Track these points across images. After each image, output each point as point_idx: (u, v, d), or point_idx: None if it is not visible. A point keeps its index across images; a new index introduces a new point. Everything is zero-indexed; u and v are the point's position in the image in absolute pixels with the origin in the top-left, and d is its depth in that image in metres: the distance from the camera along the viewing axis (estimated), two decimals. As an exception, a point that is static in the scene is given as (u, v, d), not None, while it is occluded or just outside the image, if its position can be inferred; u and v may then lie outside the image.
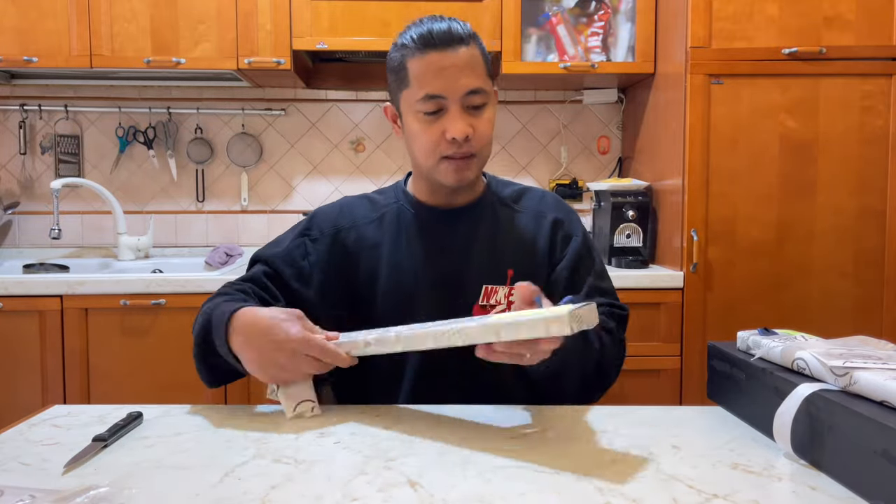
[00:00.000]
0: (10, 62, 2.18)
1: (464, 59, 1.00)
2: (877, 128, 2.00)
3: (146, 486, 0.69)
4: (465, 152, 1.03)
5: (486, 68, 1.05)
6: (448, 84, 1.00)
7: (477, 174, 1.09)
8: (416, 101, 1.02)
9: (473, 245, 1.11)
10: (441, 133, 1.02)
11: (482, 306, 1.07)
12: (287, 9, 2.20)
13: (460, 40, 1.01)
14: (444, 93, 1.00)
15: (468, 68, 1.01)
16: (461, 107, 1.01)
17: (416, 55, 1.01)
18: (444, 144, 1.02)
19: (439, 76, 1.00)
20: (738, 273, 2.01)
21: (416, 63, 1.01)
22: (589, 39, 2.30)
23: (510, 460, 0.76)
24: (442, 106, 1.01)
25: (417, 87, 1.01)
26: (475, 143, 1.03)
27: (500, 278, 1.09)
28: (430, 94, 1.00)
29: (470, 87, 1.00)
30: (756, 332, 0.91)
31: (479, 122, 1.03)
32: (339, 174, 2.63)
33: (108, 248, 2.56)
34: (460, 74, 1.00)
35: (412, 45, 1.02)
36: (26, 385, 1.97)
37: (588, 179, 2.64)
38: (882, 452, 0.63)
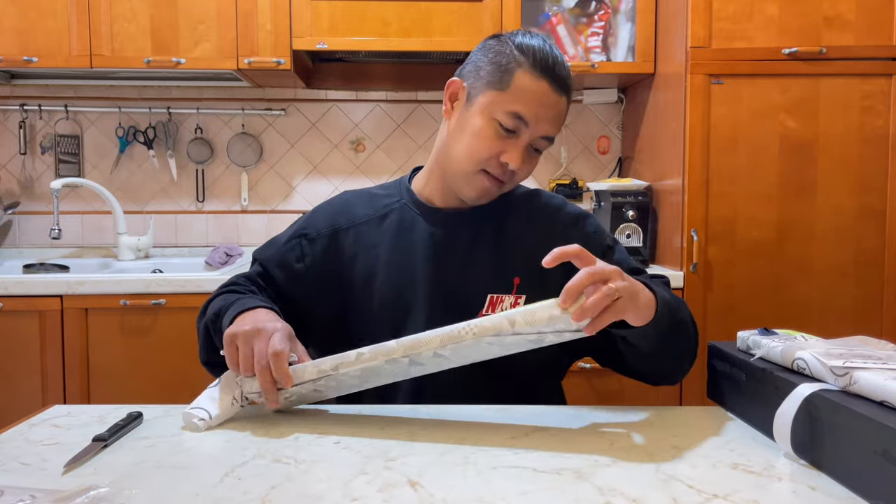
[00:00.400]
0: (10, 62, 2.18)
1: (562, 108, 1.04)
2: (877, 128, 2.00)
3: (146, 486, 0.69)
4: (505, 178, 1.05)
5: (563, 124, 1.08)
6: (539, 118, 1.01)
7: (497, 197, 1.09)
8: (505, 110, 1.01)
9: (478, 251, 1.08)
10: (499, 151, 1.02)
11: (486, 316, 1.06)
12: (287, 9, 2.20)
13: (568, 90, 1.04)
14: (530, 121, 1.01)
15: (559, 118, 1.04)
16: (530, 141, 1.03)
17: (532, 73, 1.00)
18: (494, 162, 1.03)
19: (538, 107, 1.01)
20: (738, 273, 2.01)
21: (527, 79, 1.00)
22: (589, 39, 2.30)
23: (510, 460, 0.76)
24: (519, 130, 1.01)
25: (513, 99, 1.00)
26: (514, 178, 1.06)
27: (506, 287, 1.06)
28: (521, 114, 1.00)
29: (549, 134, 1.04)
30: (756, 332, 0.91)
31: (529, 163, 1.06)
32: (339, 174, 2.63)
33: (108, 248, 2.56)
34: (551, 118, 1.02)
35: (532, 60, 1.01)
36: (26, 385, 1.97)
37: (588, 179, 2.64)
38: (882, 452, 0.63)
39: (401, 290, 1.07)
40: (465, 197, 1.07)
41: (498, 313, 0.81)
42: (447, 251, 1.08)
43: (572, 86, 1.05)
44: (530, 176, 1.11)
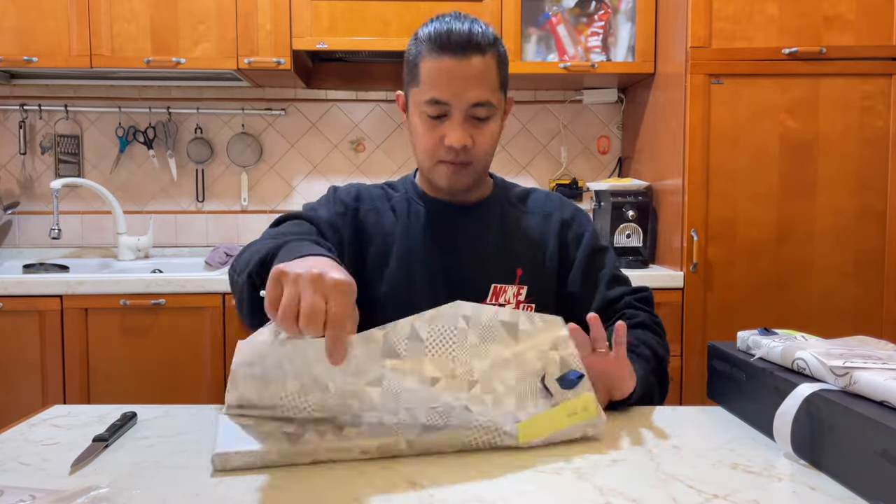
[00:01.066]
0: (10, 62, 2.18)
1: (476, 69, 1.00)
2: (877, 128, 2.00)
3: (146, 486, 0.69)
4: (461, 160, 1.04)
5: (500, 78, 1.04)
6: (455, 92, 1.00)
7: (474, 181, 1.09)
8: (423, 101, 1.02)
9: (483, 243, 1.12)
10: (441, 137, 1.03)
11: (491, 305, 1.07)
12: (287, 9, 2.20)
13: (476, 48, 1.00)
14: (449, 100, 1.00)
15: (478, 79, 1.00)
16: (464, 116, 1.01)
17: (431, 56, 1.00)
18: (442, 149, 1.03)
19: (448, 83, 1.00)
20: (738, 273, 2.01)
21: (428, 64, 1.01)
22: (589, 39, 2.30)
23: (510, 460, 0.76)
24: (446, 112, 1.02)
25: (426, 88, 1.02)
26: (473, 153, 1.04)
27: (509, 277, 1.10)
28: (435, 98, 1.01)
29: (475, 100, 1.01)
30: (756, 332, 0.91)
31: (480, 133, 1.04)
32: (339, 174, 2.63)
33: (108, 248, 2.56)
34: (469, 85, 1.00)
35: (428, 44, 1.01)
36: (26, 385, 1.97)
37: (588, 179, 2.64)
38: (882, 452, 0.63)
39: (409, 280, 1.09)
40: (443, 189, 1.09)
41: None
42: (453, 243, 1.11)
43: (485, 41, 1.00)
44: (530, 175, 1.12)
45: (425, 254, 1.10)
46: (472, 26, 1.01)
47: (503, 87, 1.06)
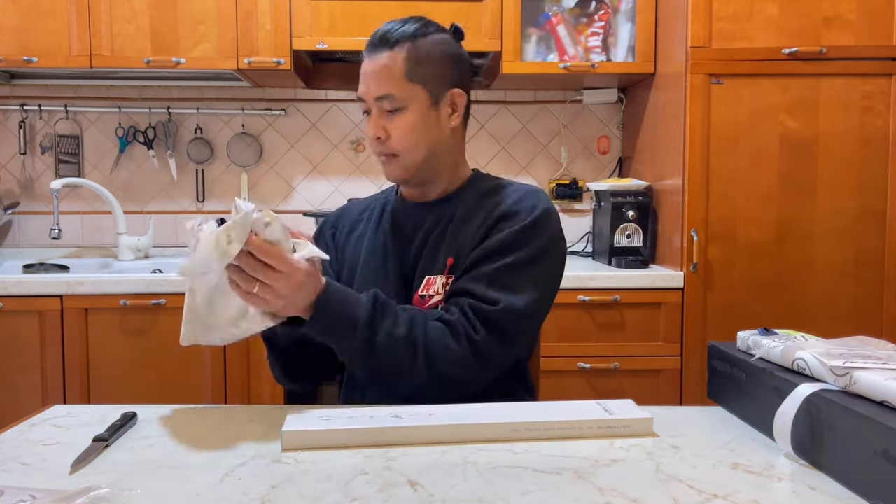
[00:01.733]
0: (10, 62, 2.18)
1: (379, 65, 1.07)
2: (877, 128, 2.00)
3: (146, 486, 0.69)
4: (382, 151, 1.09)
5: (409, 71, 1.06)
6: (364, 89, 1.08)
7: (408, 171, 1.09)
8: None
9: (424, 237, 1.12)
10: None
11: (421, 297, 1.08)
12: (287, 9, 2.20)
13: (385, 44, 1.07)
14: (362, 96, 1.09)
15: (380, 75, 1.07)
16: (379, 110, 1.08)
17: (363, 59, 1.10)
18: (371, 144, 1.11)
19: (362, 80, 1.09)
20: (738, 273, 2.01)
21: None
22: (589, 39, 2.30)
23: (510, 460, 0.76)
24: (367, 109, 1.09)
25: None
26: (392, 145, 1.08)
27: (439, 268, 1.08)
28: (358, 96, 1.10)
29: (376, 94, 1.07)
30: (756, 332, 0.91)
31: (393, 126, 1.07)
32: (339, 174, 2.63)
33: (108, 248, 2.56)
34: (372, 80, 1.07)
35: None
36: (26, 385, 1.97)
37: (588, 179, 2.64)
38: (882, 452, 0.63)
39: (374, 274, 1.13)
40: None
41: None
42: (403, 238, 1.14)
43: (397, 36, 1.07)
44: (530, 175, 1.11)
45: (385, 250, 1.14)
46: (394, 25, 1.09)
47: (417, 77, 1.06)
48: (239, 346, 1.99)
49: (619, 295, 2.03)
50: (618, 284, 2.03)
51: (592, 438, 0.82)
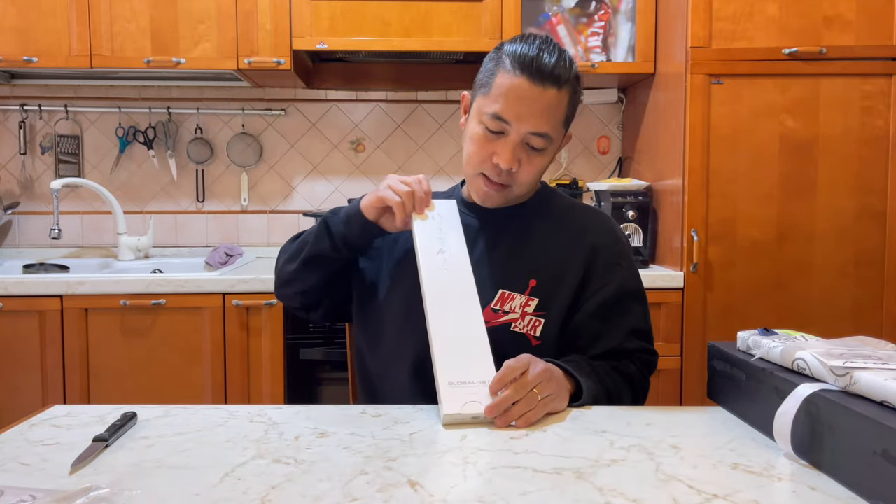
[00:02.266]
0: (10, 62, 2.18)
1: (546, 101, 1.01)
2: (877, 128, 2.00)
3: (146, 486, 0.69)
4: (501, 181, 1.05)
5: (566, 116, 1.06)
6: (519, 115, 1.01)
7: (505, 202, 1.10)
8: (487, 112, 1.03)
9: (498, 246, 1.11)
10: (491, 152, 1.04)
11: (494, 310, 1.07)
12: (287, 9, 2.20)
13: (555, 81, 1.01)
14: (511, 120, 1.02)
15: (545, 112, 1.02)
16: (520, 140, 1.03)
17: (510, 71, 1.02)
18: (489, 164, 1.05)
19: (516, 104, 1.01)
20: (738, 273, 2.01)
21: (505, 79, 1.02)
22: (589, 39, 2.30)
23: (510, 460, 0.76)
24: (504, 130, 1.03)
25: (494, 100, 1.03)
26: (516, 177, 1.05)
27: (520, 286, 1.08)
28: (499, 114, 1.02)
29: (535, 129, 1.02)
30: (756, 332, 0.91)
31: (529, 162, 1.05)
32: (339, 174, 2.64)
33: (108, 248, 2.56)
34: (534, 113, 1.01)
35: (511, 59, 1.02)
36: (26, 385, 1.97)
37: (588, 179, 2.64)
38: (882, 452, 0.63)
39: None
40: (476, 200, 1.11)
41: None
42: (471, 241, 1.10)
43: (566, 76, 1.02)
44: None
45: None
46: (559, 58, 1.02)
47: (567, 122, 1.07)
48: (239, 345, 1.99)
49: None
50: (618, 284, 2.03)
51: None
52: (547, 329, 1.08)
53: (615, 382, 1.05)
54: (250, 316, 2.00)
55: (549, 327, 1.08)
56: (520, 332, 1.07)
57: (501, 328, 1.06)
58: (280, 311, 2.00)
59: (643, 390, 1.12)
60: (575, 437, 0.84)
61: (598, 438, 0.83)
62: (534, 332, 1.07)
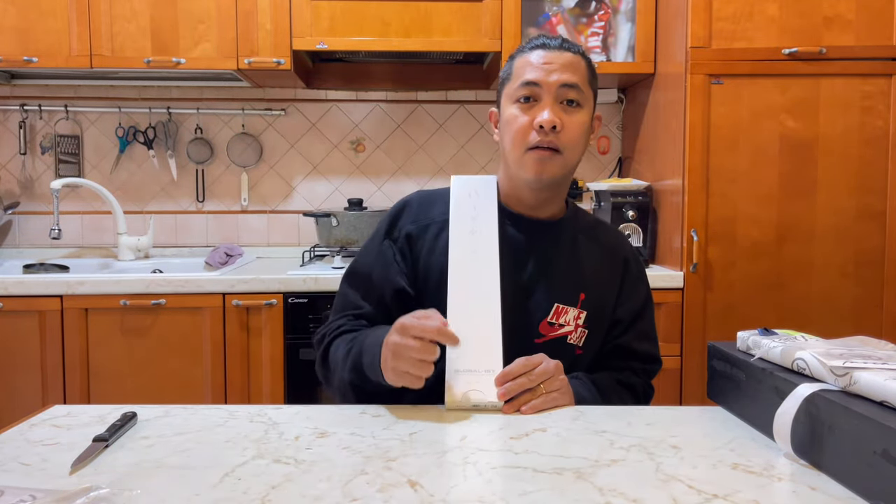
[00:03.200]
0: (10, 62, 2.18)
1: (566, 58, 1.06)
2: (877, 128, 2.00)
3: (146, 486, 0.69)
4: (550, 142, 1.05)
5: (590, 76, 1.09)
6: (545, 74, 1.05)
7: (561, 172, 1.09)
8: (514, 88, 1.08)
9: (552, 260, 1.12)
10: (531, 121, 1.06)
11: (550, 324, 1.09)
12: (287, 9, 2.20)
13: (568, 48, 1.08)
14: (539, 80, 1.05)
15: (569, 66, 1.06)
16: (555, 99, 1.05)
17: (524, 53, 1.09)
18: (531, 131, 1.06)
19: (539, 68, 1.06)
20: (738, 273, 2.01)
21: (521, 59, 1.09)
22: (589, 39, 2.30)
23: (510, 460, 0.76)
24: (537, 95, 1.06)
25: (517, 77, 1.08)
26: (562, 138, 1.05)
27: (572, 300, 1.11)
28: (526, 80, 1.06)
29: (565, 81, 1.05)
30: (756, 332, 0.91)
31: (570, 119, 1.06)
32: (339, 174, 2.64)
33: (108, 248, 2.56)
34: (559, 69, 1.05)
35: (523, 47, 1.10)
36: (26, 385, 1.97)
37: (588, 179, 2.64)
38: (882, 452, 0.63)
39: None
40: (529, 183, 1.09)
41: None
42: (524, 257, 1.11)
43: (577, 49, 1.09)
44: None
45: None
46: (566, 40, 1.10)
47: (592, 85, 1.10)
48: (239, 345, 1.99)
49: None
50: (618, 284, 2.03)
51: None
52: (590, 339, 1.12)
53: (619, 396, 1.10)
54: (250, 316, 2.00)
55: (591, 337, 1.12)
56: (572, 344, 1.11)
57: (558, 340, 1.09)
58: (280, 311, 2.00)
59: (646, 397, 1.17)
60: (575, 437, 0.84)
61: (598, 438, 0.83)
62: (579, 343, 1.11)
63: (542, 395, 0.94)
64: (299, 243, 2.61)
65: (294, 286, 1.99)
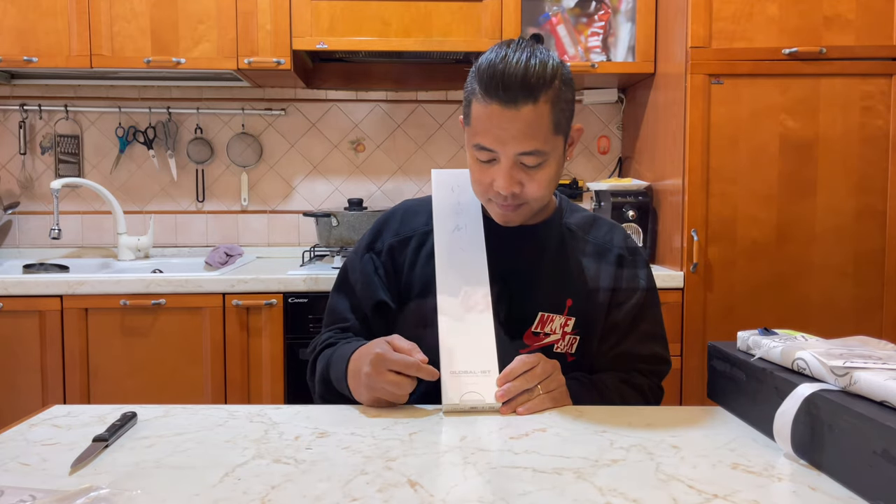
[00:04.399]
0: (10, 62, 2.18)
1: (524, 119, 0.94)
2: (877, 128, 2.00)
3: (146, 486, 0.69)
4: (511, 203, 1.01)
5: (555, 123, 0.98)
6: (501, 141, 0.96)
7: (529, 216, 1.07)
8: (472, 144, 1.00)
9: (537, 268, 1.09)
10: (490, 180, 1.00)
11: (535, 333, 1.06)
12: (287, 9, 2.20)
13: (528, 94, 0.93)
14: (495, 148, 0.97)
15: (527, 130, 0.95)
16: (513, 163, 0.97)
17: (481, 100, 0.96)
18: (491, 191, 1.01)
19: (495, 132, 0.96)
20: (738, 273, 2.01)
21: (478, 108, 0.97)
22: (589, 39, 2.30)
23: (510, 460, 0.76)
24: (494, 157, 0.99)
25: (475, 132, 0.99)
26: (525, 194, 1.00)
27: (558, 307, 1.07)
28: (483, 145, 0.98)
29: (522, 150, 0.96)
30: (756, 332, 0.91)
31: (531, 179, 0.99)
32: (339, 174, 2.64)
33: (108, 248, 2.56)
34: (516, 135, 0.95)
35: (480, 84, 0.96)
36: (26, 385, 1.97)
37: (588, 179, 2.64)
38: (882, 452, 0.63)
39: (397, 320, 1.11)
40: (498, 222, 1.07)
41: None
42: (509, 266, 1.08)
43: (540, 84, 0.94)
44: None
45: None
46: (528, 62, 0.94)
47: (560, 127, 0.99)
48: (239, 345, 1.99)
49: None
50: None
51: None
52: (582, 346, 1.09)
53: (623, 396, 1.07)
54: (250, 316, 2.00)
55: (584, 344, 1.09)
56: (560, 353, 1.07)
57: (544, 350, 1.04)
58: (280, 311, 2.00)
59: (655, 397, 1.13)
60: (575, 437, 0.84)
61: (598, 438, 0.83)
62: (570, 350, 1.08)
63: (539, 396, 0.93)
64: (299, 243, 2.61)
65: (294, 286, 1.99)
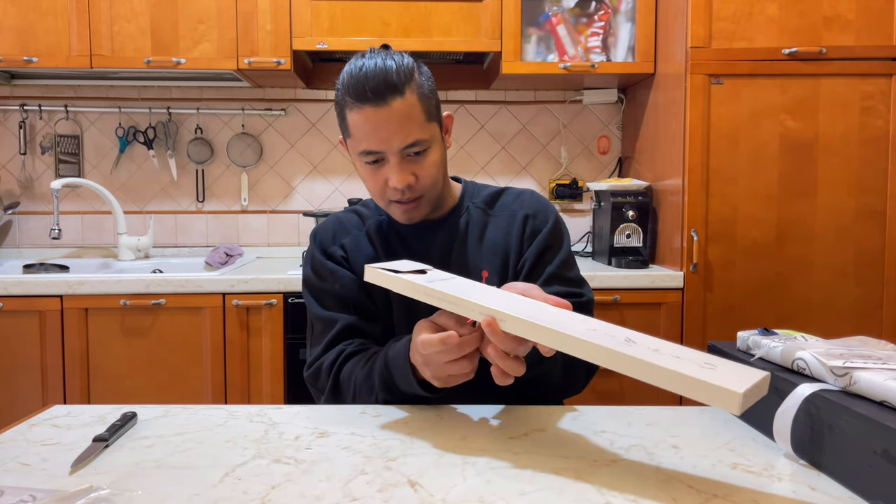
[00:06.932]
0: (10, 62, 2.18)
1: (397, 113, 0.99)
2: (877, 128, 2.00)
3: (146, 486, 0.69)
4: (410, 197, 1.05)
5: (426, 111, 1.03)
6: (384, 140, 1.01)
7: (431, 210, 1.11)
8: (358, 153, 1.04)
9: (450, 255, 1.13)
10: (385, 180, 1.04)
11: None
12: (287, 9, 2.20)
13: (394, 90, 0.99)
14: (380, 148, 1.01)
15: (403, 122, 1.00)
16: (400, 157, 1.02)
17: (353, 108, 1.01)
18: (389, 191, 1.05)
19: (375, 133, 1.00)
20: (738, 273, 2.01)
21: (353, 116, 1.02)
22: (589, 39, 2.30)
23: (510, 460, 0.76)
24: (381, 157, 1.03)
25: (356, 141, 1.03)
26: (419, 187, 1.05)
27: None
28: (367, 150, 1.02)
29: (405, 143, 1.01)
30: (756, 332, 0.91)
31: (421, 168, 1.04)
32: (339, 174, 2.64)
33: (108, 248, 2.56)
34: (395, 130, 1.00)
35: (347, 93, 1.01)
36: (26, 385, 1.97)
37: (588, 179, 2.64)
38: (882, 452, 0.63)
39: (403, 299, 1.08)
40: (403, 222, 1.11)
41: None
42: (425, 259, 1.10)
43: (401, 78, 0.99)
44: (530, 176, 1.10)
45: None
46: (386, 64, 1.00)
47: (432, 115, 1.05)
48: (239, 345, 1.99)
49: (619, 295, 2.03)
50: (618, 284, 2.03)
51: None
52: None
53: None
54: (250, 316, 2.00)
55: None
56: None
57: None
58: (280, 311, 2.00)
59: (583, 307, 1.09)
60: (575, 437, 0.84)
61: (598, 438, 0.83)
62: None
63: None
64: (299, 243, 2.61)
65: (294, 286, 1.99)
